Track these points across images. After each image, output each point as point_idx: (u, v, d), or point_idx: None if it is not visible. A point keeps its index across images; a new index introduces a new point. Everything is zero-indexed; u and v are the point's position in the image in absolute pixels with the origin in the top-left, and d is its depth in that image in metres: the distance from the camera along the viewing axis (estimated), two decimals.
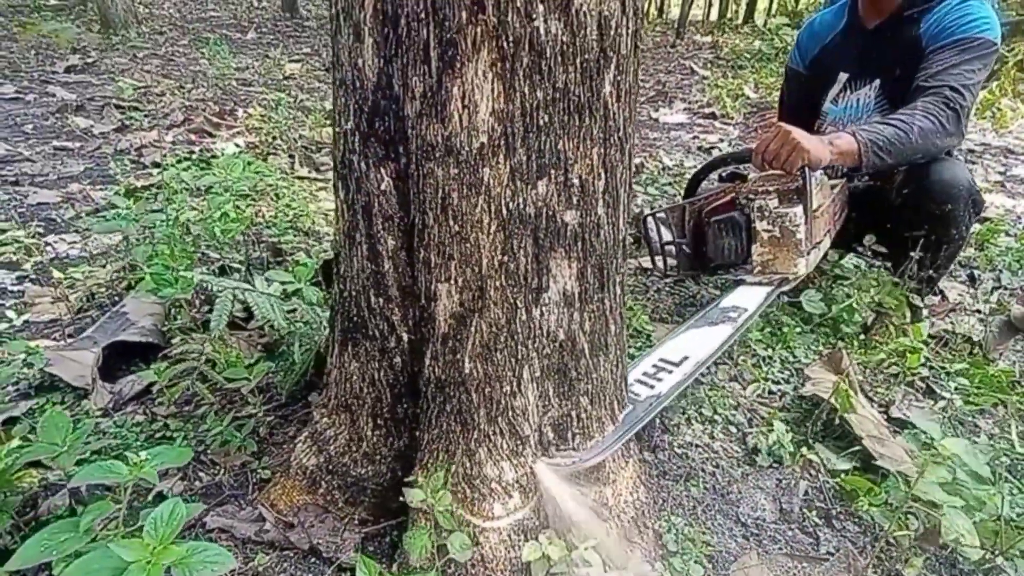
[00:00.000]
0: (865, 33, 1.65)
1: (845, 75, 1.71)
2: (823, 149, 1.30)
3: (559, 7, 0.71)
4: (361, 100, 0.82)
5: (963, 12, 1.45)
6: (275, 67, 5.70)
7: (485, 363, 0.85)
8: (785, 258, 1.33)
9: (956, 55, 1.42)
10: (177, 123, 3.95)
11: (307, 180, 3.02)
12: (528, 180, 0.78)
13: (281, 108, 3.53)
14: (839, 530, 1.00)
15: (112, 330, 1.58)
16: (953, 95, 1.38)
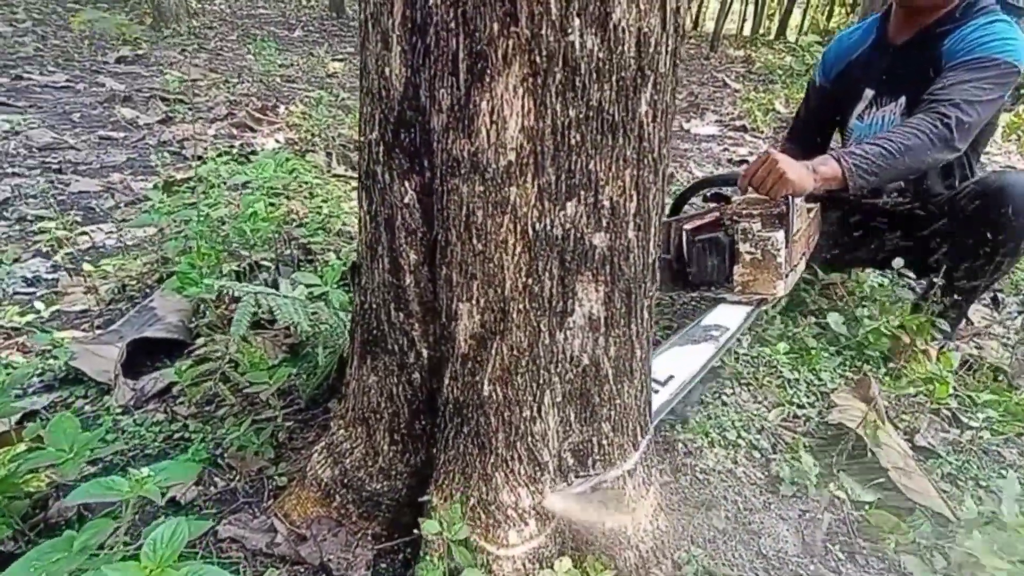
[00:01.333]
0: (892, 50, 1.57)
1: (871, 92, 1.62)
2: (807, 177, 1.27)
3: (596, 21, 0.64)
4: (387, 110, 0.76)
5: (986, 32, 1.37)
6: (319, 65, 5.69)
7: (505, 387, 0.79)
8: (765, 280, 1.32)
9: (968, 72, 1.34)
10: (220, 117, 3.95)
11: (342, 179, 2.98)
12: (556, 201, 0.71)
13: (322, 106, 3.49)
14: (863, 566, 0.92)
15: (139, 325, 1.55)
16: (951, 110, 1.30)
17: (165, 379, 1.38)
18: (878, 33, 1.62)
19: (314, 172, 2.76)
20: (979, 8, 1.41)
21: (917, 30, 1.50)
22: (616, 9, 0.64)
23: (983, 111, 1.34)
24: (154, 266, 1.85)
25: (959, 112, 1.30)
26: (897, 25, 1.56)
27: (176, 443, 1.21)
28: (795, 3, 9.82)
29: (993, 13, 1.41)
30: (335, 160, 3.21)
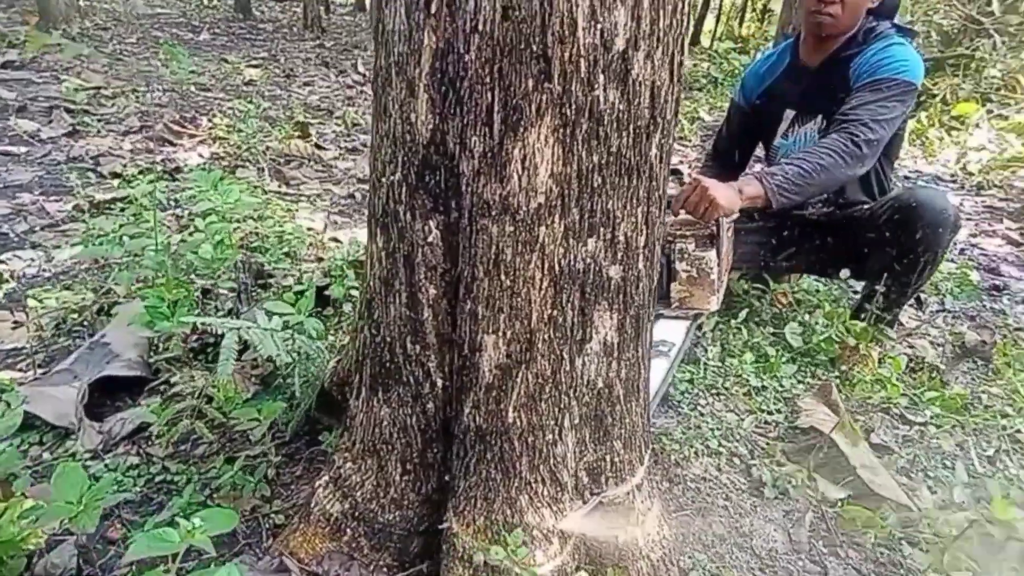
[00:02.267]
0: (807, 73, 1.78)
1: (792, 112, 1.84)
2: (735, 199, 1.43)
3: (618, 77, 0.73)
4: (411, 154, 0.82)
5: (885, 55, 1.60)
6: (234, 72, 5.51)
7: (530, 413, 0.86)
8: (701, 295, 1.47)
9: (872, 93, 1.56)
10: (134, 129, 3.76)
11: (279, 196, 2.93)
12: (580, 238, 0.80)
13: (250, 119, 3.41)
14: (843, 558, 1.06)
15: (94, 362, 1.49)
16: (860, 128, 1.51)
17: (134, 419, 1.34)
18: (792, 58, 1.84)
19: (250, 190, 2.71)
20: (877, 34, 1.64)
21: (827, 55, 1.72)
22: (635, 66, 0.74)
23: (888, 127, 1.54)
24: (95, 297, 1.76)
25: (867, 130, 1.50)
26: (808, 50, 1.77)
27: (159, 487, 1.19)
28: (708, 9, 10.47)
29: (890, 37, 1.64)
30: (268, 176, 3.15)
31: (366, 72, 6.12)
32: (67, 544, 1.02)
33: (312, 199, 2.90)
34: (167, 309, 1.33)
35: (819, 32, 1.67)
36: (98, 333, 1.59)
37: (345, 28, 9.90)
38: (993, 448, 1.48)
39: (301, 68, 6.11)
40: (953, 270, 2.66)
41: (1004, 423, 1.58)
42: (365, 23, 10.35)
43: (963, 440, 1.52)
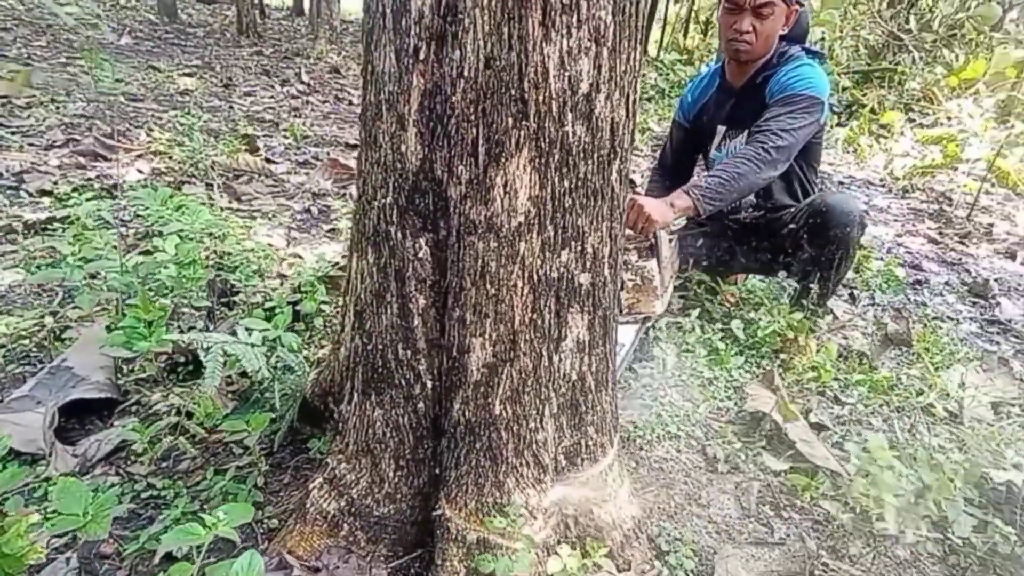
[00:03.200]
0: (733, 93, 2.06)
1: (723, 128, 2.11)
2: (667, 212, 1.65)
3: (584, 115, 0.90)
4: (401, 179, 0.96)
5: (794, 74, 1.86)
6: (166, 81, 5.42)
7: (514, 405, 1.01)
8: (646, 301, 1.67)
9: (781, 107, 1.81)
10: (58, 143, 3.68)
11: (232, 212, 2.97)
12: (554, 251, 0.96)
13: (193, 132, 3.42)
14: (787, 519, 1.26)
15: (57, 387, 1.54)
16: (770, 137, 1.75)
17: (111, 440, 1.40)
18: (720, 80, 2.11)
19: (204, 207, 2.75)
20: (789, 57, 1.91)
21: (747, 77, 1.99)
22: (597, 106, 0.91)
23: (795, 135, 1.78)
24: (43, 322, 1.79)
25: (776, 138, 1.75)
26: (732, 73, 2.04)
27: (145, 503, 1.27)
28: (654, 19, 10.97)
29: (800, 59, 1.91)
30: (218, 192, 3.18)
31: (310, 81, 6.14)
32: (59, 562, 1.09)
33: (268, 215, 2.96)
34: (144, 329, 1.40)
35: (738, 58, 1.93)
36: (57, 358, 1.63)
37: (283, 34, 9.80)
38: (911, 421, 1.74)
39: (240, 77, 6.07)
40: (881, 268, 2.98)
41: (920, 400, 1.84)
42: (304, 28, 10.27)
43: (888, 416, 1.78)
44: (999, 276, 3.32)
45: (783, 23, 1.88)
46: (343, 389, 1.31)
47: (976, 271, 3.34)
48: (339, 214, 3.03)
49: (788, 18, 1.88)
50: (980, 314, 2.83)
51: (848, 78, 6.33)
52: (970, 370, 2.12)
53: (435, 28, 0.87)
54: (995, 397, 2.04)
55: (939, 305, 2.87)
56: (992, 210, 4.45)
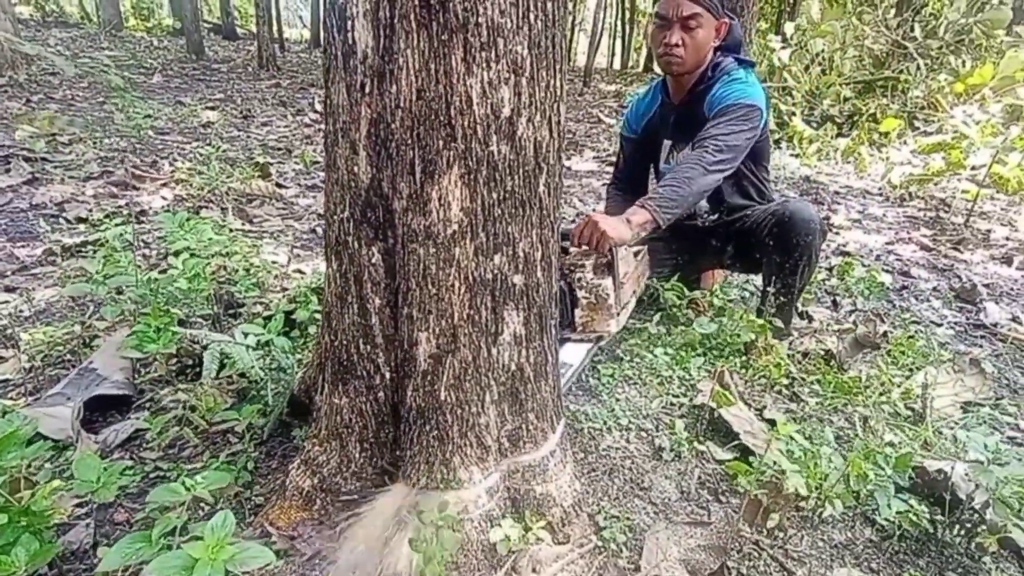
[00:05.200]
0: (674, 108, 2.17)
1: (668, 142, 2.23)
2: (624, 228, 1.69)
3: (507, 136, 1.04)
4: (355, 196, 1.11)
5: (729, 86, 1.96)
6: (191, 115, 5.75)
7: (457, 391, 1.14)
8: (600, 319, 1.68)
9: (720, 116, 1.90)
10: (95, 175, 3.97)
11: (242, 233, 3.18)
12: (487, 255, 1.09)
13: (212, 161, 3.66)
14: (724, 503, 1.35)
15: (85, 386, 1.72)
16: (710, 143, 1.84)
17: (126, 430, 1.58)
18: (662, 96, 2.22)
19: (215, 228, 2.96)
20: (722, 69, 2.01)
21: (685, 91, 2.10)
22: (519, 128, 1.05)
23: (736, 139, 1.87)
24: (80, 331, 1.99)
25: (717, 142, 1.84)
26: (672, 89, 2.16)
27: (153, 481, 1.42)
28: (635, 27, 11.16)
29: (734, 71, 2.00)
30: (232, 215, 3.40)
31: (322, 110, 6.44)
32: (79, 526, 1.25)
33: (275, 235, 3.17)
34: (154, 334, 1.57)
35: (671, 71, 2.03)
36: (85, 361, 1.82)
37: (300, 66, 10.21)
38: (869, 418, 1.81)
39: (258, 108, 6.39)
40: (863, 275, 3.04)
41: (883, 399, 1.91)
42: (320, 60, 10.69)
43: (849, 414, 1.85)
44: (991, 281, 3.34)
45: (714, 36, 1.98)
46: (319, 380, 1.46)
47: (967, 276, 3.37)
48: None
49: (719, 31, 1.98)
50: (965, 318, 2.87)
51: (850, 88, 6.37)
52: (941, 371, 2.18)
53: (376, 66, 1.02)
54: (965, 397, 2.10)
55: (923, 310, 2.91)
56: (993, 216, 4.46)
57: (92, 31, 13.00)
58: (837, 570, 1.23)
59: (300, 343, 1.96)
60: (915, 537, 1.35)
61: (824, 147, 5.71)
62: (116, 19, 13.43)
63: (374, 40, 1.01)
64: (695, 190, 1.80)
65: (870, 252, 3.60)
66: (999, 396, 2.12)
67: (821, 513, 1.30)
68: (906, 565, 1.29)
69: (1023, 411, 2.08)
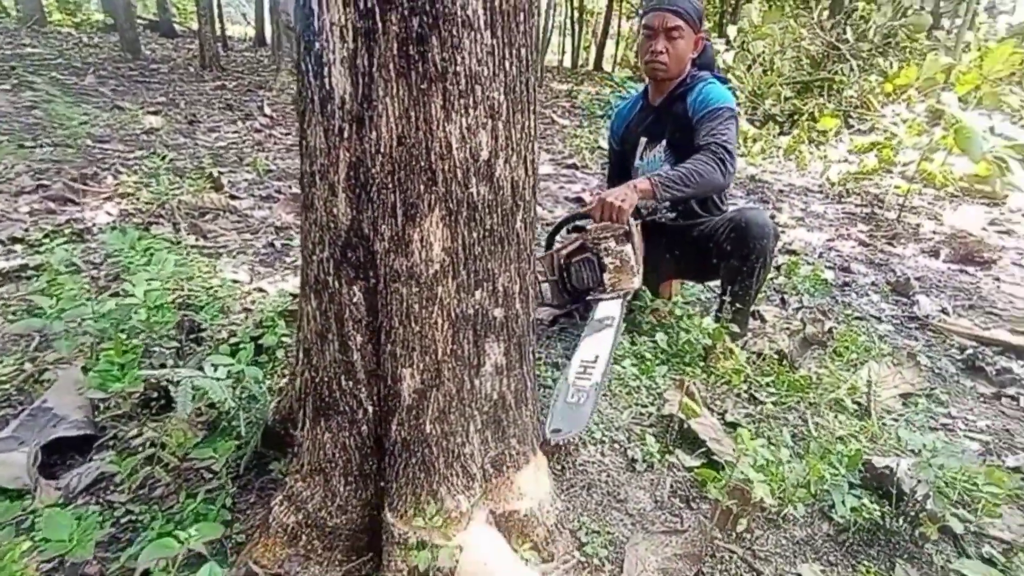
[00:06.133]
0: (653, 109, 2.37)
1: (644, 139, 2.41)
2: (632, 195, 1.94)
3: (485, 177, 1.07)
4: (335, 237, 1.12)
5: (709, 91, 2.17)
6: (131, 120, 5.50)
7: (442, 424, 1.17)
8: (626, 278, 2.00)
9: (711, 120, 2.10)
10: (27, 189, 3.77)
11: (198, 250, 3.08)
12: (469, 291, 1.12)
13: (161, 174, 3.53)
14: (695, 510, 1.43)
15: (39, 427, 1.65)
16: (720, 147, 2.03)
17: (90, 473, 1.53)
18: (643, 100, 2.44)
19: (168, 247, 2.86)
20: (699, 78, 2.23)
21: (666, 95, 2.30)
22: (497, 169, 1.08)
23: (734, 139, 2.08)
24: (23, 367, 1.91)
25: (727, 144, 2.03)
26: (653, 92, 2.36)
27: (124, 527, 1.39)
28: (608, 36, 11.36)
29: (709, 79, 2.22)
30: (184, 231, 3.30)
31: (273, 114, 6.26)
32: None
33: (232, 251, 3.09)
34: (118, 372, 1.54)
35: (655, 76, 2.24)
36: (38, 400, 1.74)
37: (246, 66, 9.88)
38: (822, 415, 1.93)
39: (204, 113, 6.17)
40: (808, 272, 3.21)
41: (832, 395, 2.04)
42: (267, 59, 10.37)
43: (802, 411, 1.97)
44: (922, 274, 3.58)
45: (692, 47, 2.20)
46: (297, 415, 1.46)
47: (901, 270, 3.59)
48: None
49: (696, 44, 2.21)
50: (901, 311, 3.07)
51: (790, 88, 6.65)
52: (882, 365, 2.34)
53: (355, 112, 1.04)
54: (904, 389, 2.26)
55: (864, 305, 3.10)
56: (921, 210, 4.76)
57: (11, 26, 12.23)
58: (800, 565, 1.33)
59: (269, 369, 1.94)
60: (867, 529, 1.46)
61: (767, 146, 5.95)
62: (38, 13, 12.66)
63: (352, 87, 1.02)
64: (700, 183, 1.97)
65: (814, 250, 3.79)
66: (933, 387, 2.29)
67: (782, 513, 1.40)
68: (860, 556, 1.40)
69: (953, 399, 2.26)
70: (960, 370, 2.48)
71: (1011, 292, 3.33)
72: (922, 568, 1.37)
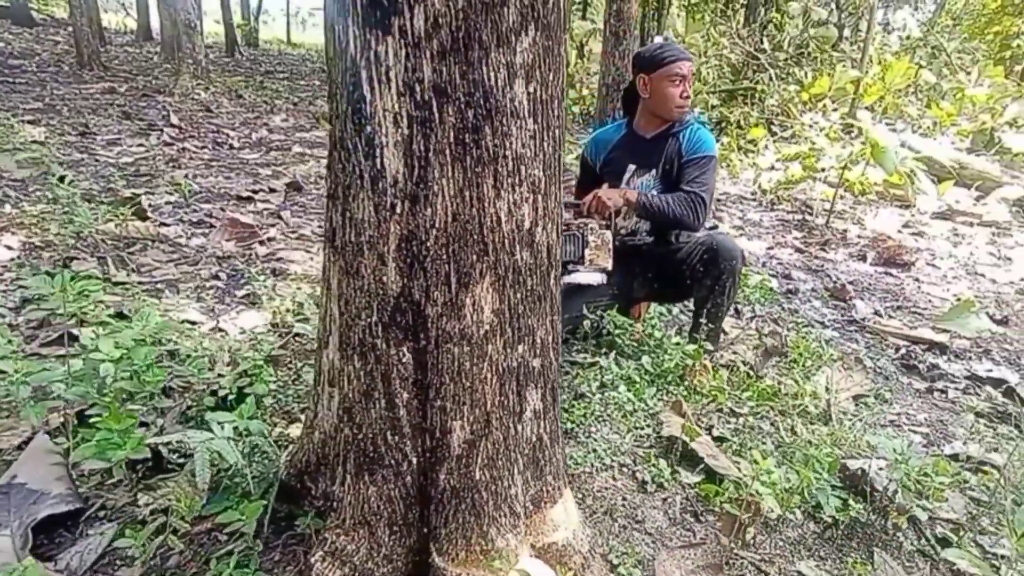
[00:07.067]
0: (644, 141, 2.64)
1: (633, 166, 2.67)
2: (617, 196, 2.40)
3: (528, 244, 1.26)
4: (383, 303, 1.27)
5: (700, 137, 2.53)
6: (8, 132, 5.15)
7: (491, 470, 1.34)
8: (603, 257, 2.37)
9: (697, 169, 2.47)
10: None
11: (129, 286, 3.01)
12: (513, 346, 1.30)
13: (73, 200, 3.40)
14: (704, 522, 1.67)
15: (16, 506, 1.60)
16: (698, 199, 2.41)
17: (92, 549, 1.55)
18: (628, 129, 2.72)
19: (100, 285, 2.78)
20: (688, 122, 2.56)
21: (660, 129, 2.59)
22: (537, 236, 1.26)
23: (712, 191, 2.45)
24: None
25: (704, 196, 2.41)
26: (645, 125, 2.64)
27: None
28: None
29: (697, 125, 2.56)
30: (112, 266, 3.20)
31: (181, 124, 6.05)
32: None
33: (174, 287, 3.06)
34: (119, 439, 1.58)
35: (681, 117, 2.55)
36: (3, 476, 1.71)
37: (133, 65, 9.36)
38: (791, 423, 2.25)
39: (96, 122, 5.86)
40: (757, 282, 3.59)
41: (796, 403, 2.37)
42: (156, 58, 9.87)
43: (773, 420, 2.28)
44: (854, 278, 4.07)
45: None
46: (319, 469, 1.59)
47: (835, 275, 4.07)
48: (253, 280, 3.16)
49: None
50: (841, 316, 3.50)
51: (716, 97, 7.22)
52: (834, 370, 2.71)
53: (408, 191, 1.19)
54: (855, 391, 2.63)
55: (808, 311, 3.51)
56: (846, 215, 5.35)
57: None
58: (799, 563, 1.60)
59: (261, 418, 2.01)
60: (847, 524, 1.75)
61: None
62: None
63: (406, 168, 1.18)
64: (670, 217, 2.41)
65: (757, 259, 4.21)
66: (878, 387, 2.68)
67: (781, 518, 1.67)
68: (844, 549, 1.69)
69: (895, 396, 2.66)
70: (897, 369, 2.90)
71: (929, 292, 3.87)
72: (893, 553, 1.68)
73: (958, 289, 3.90)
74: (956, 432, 2.35)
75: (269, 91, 10.25)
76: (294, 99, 10.02)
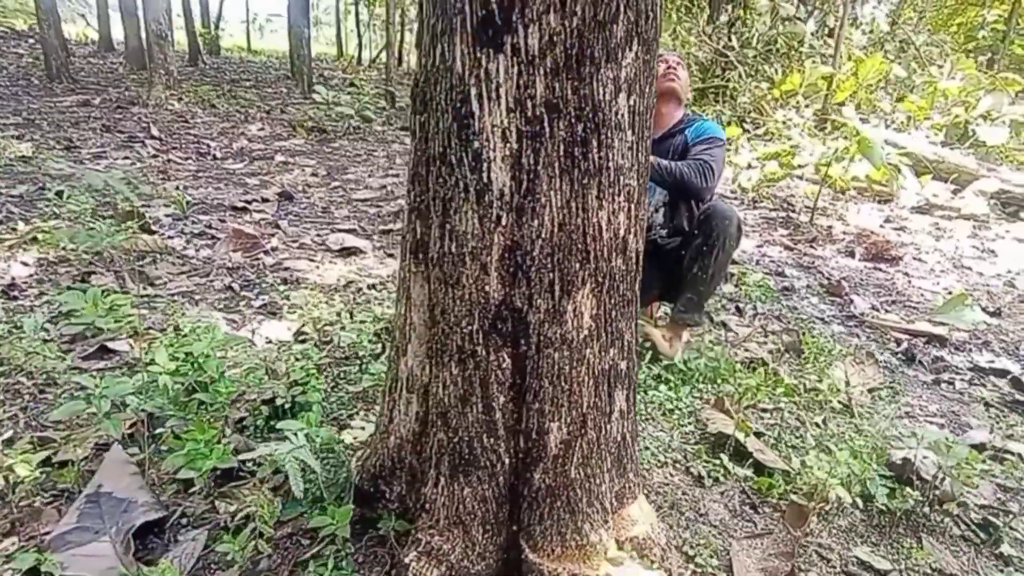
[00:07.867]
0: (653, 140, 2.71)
1: None
2: None
3: (621, 251, 1.32)
4: (485, 310, 1.32)
5: (703, 125, 2.69)
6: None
7: (585, 468, 1.40)
8: None
9: (703, 144, 2.60)
10: None
11: (152, 299, 3.00)
12: (606, 350, 1.36)
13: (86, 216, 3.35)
14: (764, 514, 1.76)
15: (108, 513, 1.64)
16: (703, 165, 2.51)
17: (190, 554, 1.57)
18: None
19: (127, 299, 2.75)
20: (692, 119, 2.73)
21: (664, 131, 2.73)
22: (630, 243, 1.33)
23: (719, 165, 2.57)
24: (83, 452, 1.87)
25: (712, 162, 2.50)
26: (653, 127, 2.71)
27: None
28: None
29: (704, 119, 2.75)
30: (129, 280, 3.17)
31: (162, 136, 5.95)
32: None
33: (190, 297, 3.04)
34: (206, 449, 1.59)
35: (670, 93, 2.65)
36: (90, 484, 1.73)
37: (102, 75, 9.13)
38: (817, 416, 2.36)
39: (79, 135, 5.73)
40: (757, 280, 3.73)
41: (818, 397, 2.48)
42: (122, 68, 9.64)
43: (799, 414, 2.39)
44: (845, 274, 4.24)
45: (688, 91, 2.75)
46: (394, 473, 1.63)
47: (828, 272, 4.24)
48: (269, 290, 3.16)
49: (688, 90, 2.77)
50: (839, 311, 3.66)
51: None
52: (847, 365, 2.84)
53: (515, 203, 1.24)
54: (869, 384, 2.76)
55: (807, 308, 3.66)
56: (827, 211, 5.56)
57: None
58: (855, 549, 1.70)
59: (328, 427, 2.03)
60: (891, 511, 1.86)
61: None
62: None
63: (513, 181, 1.23)
64: (678, 181, 2.49)
65: (750, 258, 4.35)
66: (890, 380, 2.82)
67: (840, 506, 1.77)
68: (893, 535, 1.80)
69: (904, 389, 2.80)
70: (902, 361, 3.06)
71: (920, 286, 4.06)
72: (939, 538, 1.79)
73: (947, 283, 4.11)
74: (970, 422, 2.49)
75: (241, 100, 10.11)
76: (266, 107, 9.91)
